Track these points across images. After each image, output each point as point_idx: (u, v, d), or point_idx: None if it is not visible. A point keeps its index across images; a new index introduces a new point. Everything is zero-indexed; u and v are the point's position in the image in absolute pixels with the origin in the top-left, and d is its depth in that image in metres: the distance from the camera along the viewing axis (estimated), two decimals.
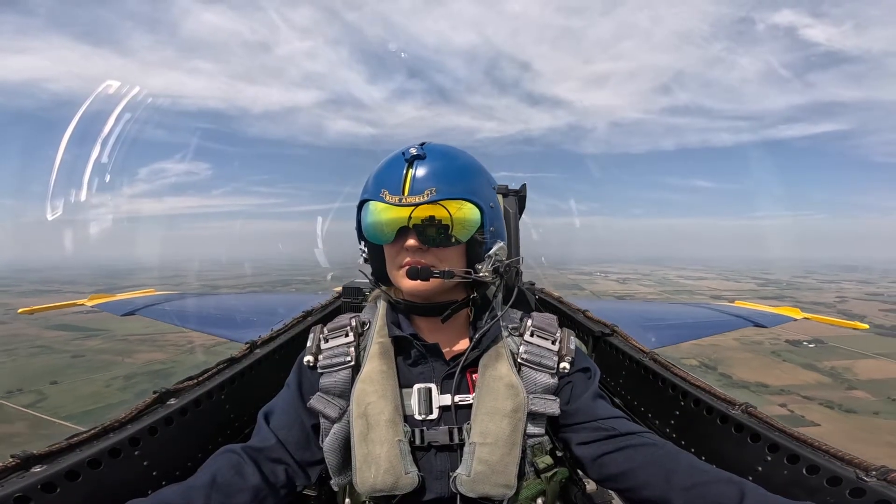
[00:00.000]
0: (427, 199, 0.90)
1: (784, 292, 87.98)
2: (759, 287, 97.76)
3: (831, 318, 4.40)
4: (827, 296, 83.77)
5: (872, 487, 0.79)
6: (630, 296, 75.62)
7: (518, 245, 2.53)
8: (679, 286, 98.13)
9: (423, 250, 0.93)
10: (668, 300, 43.11)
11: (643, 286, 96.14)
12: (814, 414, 32.77)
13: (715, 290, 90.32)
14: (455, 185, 0.92)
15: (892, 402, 35.16)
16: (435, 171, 0.92)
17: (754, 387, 38.09)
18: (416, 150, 0.93)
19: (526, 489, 0.93)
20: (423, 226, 0.91)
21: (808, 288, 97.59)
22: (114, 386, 34.22)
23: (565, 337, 1.02)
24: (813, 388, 38.04)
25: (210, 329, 3.90)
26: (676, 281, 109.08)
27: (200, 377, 1.31)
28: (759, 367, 43.28)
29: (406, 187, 0.91)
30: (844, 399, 35.96)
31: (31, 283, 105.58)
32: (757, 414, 1.07)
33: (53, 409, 30.14)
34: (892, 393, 36.49)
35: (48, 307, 4.01)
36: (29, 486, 0.80)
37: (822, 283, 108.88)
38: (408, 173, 0.92)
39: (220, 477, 0.85)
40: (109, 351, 43.36)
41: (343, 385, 0.98)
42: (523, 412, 0.92)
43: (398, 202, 0.91)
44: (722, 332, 4.08)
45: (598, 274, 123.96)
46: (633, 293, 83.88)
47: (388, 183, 0.93)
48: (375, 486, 0.88)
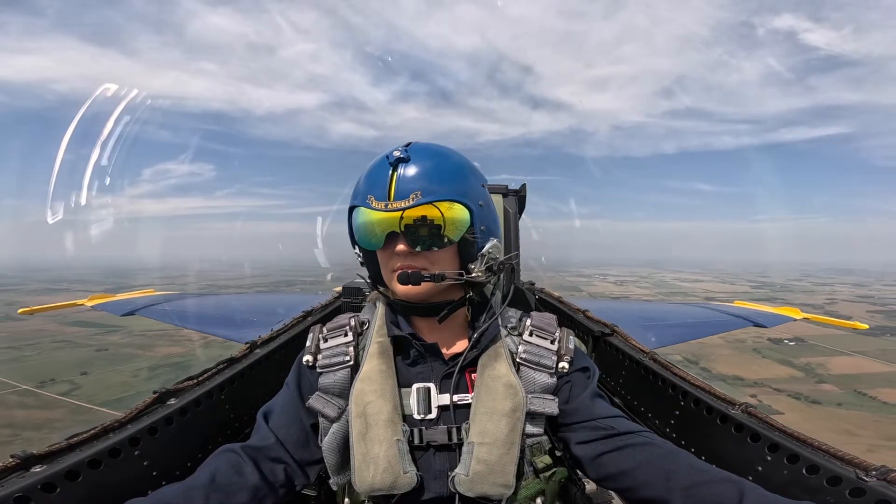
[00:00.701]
0: (413, 203, 0.89)
1: (777, 294, 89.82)
2: (753, 289, 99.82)
3: (829, 318, 4.41)
4: (818, 298, 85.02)
5: (872, 487, 0.79)
6: (626, 297, 77.32)
7: (518, 244, 2.53)
8: (675, 288, 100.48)
9: (413, 254, 0.92)
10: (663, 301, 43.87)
11: (640, 288, 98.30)
12: (780, 404, 34.43)
13: (709, 291, 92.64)
14: (441, 186, 0.91)
15: (857, 394, 37.25)
16: (419, 173, 0.90)
17: (731, 380, 39.99)
18: (400, 152, 0.91)
19: (525, 489, 0.93)
20: (412, 229, 0.91)
21: (801, 290, 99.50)
22: (140, 376, 36.27)
23: (564, 336, 1.02)
24: (785, 381, 40.50)
25: (210, 329, 3.90)
26: (673, 283, 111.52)
27: (200, 377, 1.31)
28: (738, 363, 45.41)
29: (391, 192, 0.90)
30: (813, 391, 38.32)
31: (41, 282, 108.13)
32: (757, 414, 1.07)
33: (87, 396, 32.28)
34: (860, 387, 38.56)
35: (48, 307, 4.01)
36: (29, 486, 0.80)
37: (816, 286, 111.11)
38: (392, 177, 0.90)
39: (220, 476, 0.85)
40: (131, 345, 45.71)
41: (342, 384, 0.98)
42: (522, 412, 0.92)
43: (384, 208, 0.90)
44: (722, 332, 4.08)
45: (597, 276, 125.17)
46: (629, 294, 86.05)
47: (373, 189, 0.92)
48: (374, 486, 0.87)
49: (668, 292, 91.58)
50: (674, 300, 62.89)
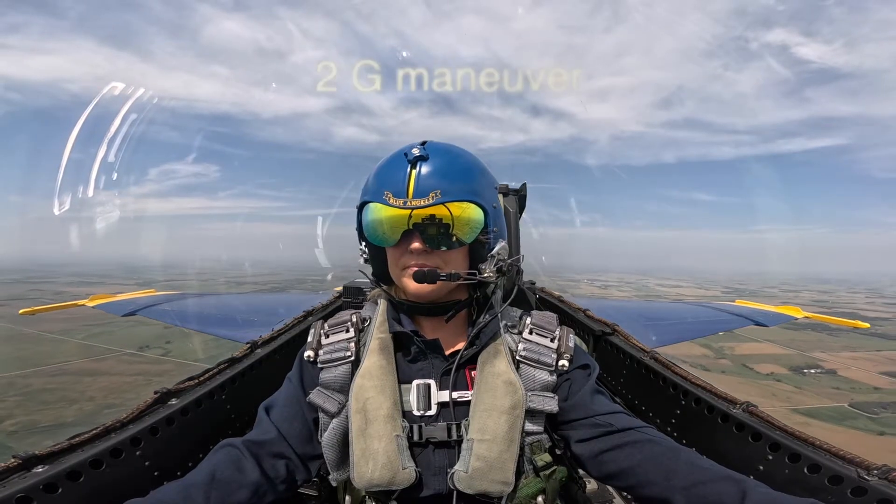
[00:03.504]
0: (432, 202, 0.88)
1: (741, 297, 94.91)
2: (723, 294, 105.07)
3: (829, 317, 4.41)
4: (773, 301, 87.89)
5: (874, 486, 0.79)
6: (605, 298, 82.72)
7: (518, 244, 2.53)
8: (651, 292, 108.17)
9: (427, 252, 0.92)
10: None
11: (620, 291, 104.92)
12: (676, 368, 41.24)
13: (681, 295, 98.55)
14: (459, 186, 0.91)
15: (742, 367, 46.92)
16: (439, 172, 0.90)
17: None
18: (419, 150, 0.91)
19: (525, 487, 0.93)
20: (427, 228, 0.91)
21: (766, 295, 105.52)
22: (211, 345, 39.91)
23: (564, 335, 1.02)
24: (694, 357, 47.08)
25: (210, 329, 3.90)
26: (653, 288, 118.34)
27: (201, 377, 1.31)
28: None
29: (410, 189, 0.89)
30: (709, 363, 46.27)
31: (70, 276, 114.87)
32: (758, 413, 1.07)
33: (182, 355, 38.70)
34: (748, 362, 48.80)
35: (50, 307, 4.01)
36: (31, 486, 0.80)
37: (783, 292, 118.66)
38: (411, 175, 0.89)
39: (220, 473, 0.85)
40: None
41: (343, 380, 0.98)
42: (521, 409, 0.92)
43: (403, 205, 0.89)
44: (723, 331, 4.08)
45: (585, 281, 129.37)
46: (607, 296, 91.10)
47: (391, 185, 0.91)
48: (373, 481, 0.88)
49: (644, 295, 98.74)
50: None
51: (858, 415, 35.69)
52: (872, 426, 34.15)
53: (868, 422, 34.78)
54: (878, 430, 33.31)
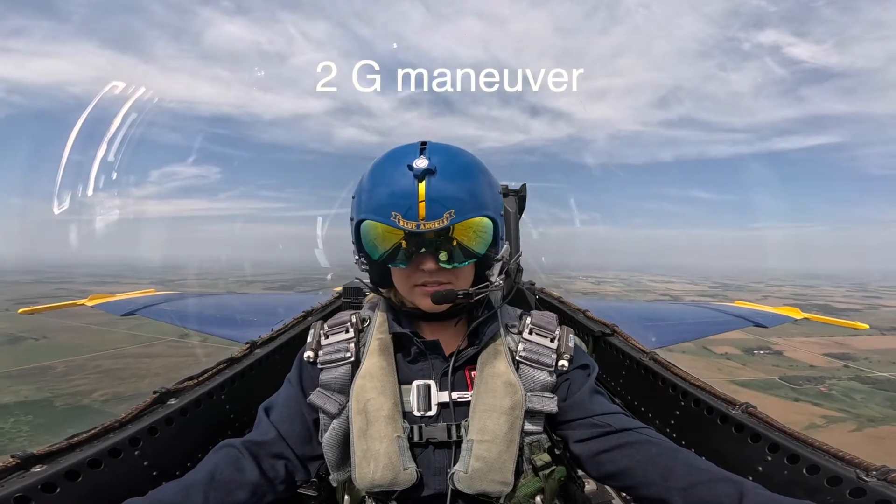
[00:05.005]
0: (447, 224, 0.84)
1: (725, 293, 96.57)
2: (710, 289, 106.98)
3: (828, 318, 4.41)
4: (755, 296, 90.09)
5: (873, 487, 0.79)
6: (596, 294, 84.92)
7: (518, 244, 2.54)
8: (642, 287, 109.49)
9: (440, 270, 0.90)
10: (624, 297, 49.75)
11: (612, 287, 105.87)
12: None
13: (671, 290, 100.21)
14: (472, 203, 0.87)
15: (703, 348, 48.61)
16: (450, 188, 0.84)
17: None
18: (424, 160, 0.82)
19: (524, 486, 0.93)
20: (440, 247, 0.89)
21: (751, 290, 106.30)
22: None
23: (564, 335, 1.02)
24: None
25: (210, 329, 3.89)
26: (645, 285, 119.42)
27: (201, 377, 1.31)
28: None
29: (422, 211, 0.82)
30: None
31: (85, 276, 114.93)
32: (757, 414, 1.07)
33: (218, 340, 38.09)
34: (709, 345, 49.78)
35: (49, 307, 4.01)
36: (29, 486, 0.80)
37: (769, 287, 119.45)
38: (420, 192, 0.82)
39: (219, 473, 0.84)
40: None
41: (343, 381, 0.98)
42: (521, 409, 0.92)
43: (415, 228, 0.83)
44: (722, 332, 4.08)
45: (581, 277, 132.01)
46: (599, 291, 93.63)
47: (399, 205, 0.83)
48: (374, 482, 0.88)
49: (634, 291, 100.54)
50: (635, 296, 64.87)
51: (783, 385, 38.85)
52: (791, 394, 36.79)
53: (789, 391, 37.47)
54: (794, 398, 35.95)
